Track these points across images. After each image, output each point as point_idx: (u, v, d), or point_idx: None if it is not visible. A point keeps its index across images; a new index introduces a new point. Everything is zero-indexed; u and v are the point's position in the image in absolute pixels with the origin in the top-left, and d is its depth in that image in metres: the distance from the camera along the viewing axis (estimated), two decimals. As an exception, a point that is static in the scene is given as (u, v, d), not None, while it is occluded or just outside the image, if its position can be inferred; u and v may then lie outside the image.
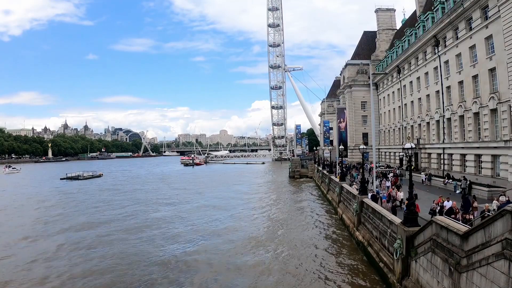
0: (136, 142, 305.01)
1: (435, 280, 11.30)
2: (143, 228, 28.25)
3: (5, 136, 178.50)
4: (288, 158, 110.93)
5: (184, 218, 31.99)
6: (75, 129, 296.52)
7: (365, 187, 23.54)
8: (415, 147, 16.81)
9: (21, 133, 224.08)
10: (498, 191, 22.97)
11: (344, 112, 60.80)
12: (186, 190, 53.49)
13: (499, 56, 25.81)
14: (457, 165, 33.70)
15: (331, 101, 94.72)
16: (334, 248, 21.73)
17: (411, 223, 13.79)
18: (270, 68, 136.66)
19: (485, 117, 28.58)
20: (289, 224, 28.96)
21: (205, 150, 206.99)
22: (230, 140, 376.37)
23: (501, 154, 26.36)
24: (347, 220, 26.40)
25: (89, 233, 26.85)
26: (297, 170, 69.89)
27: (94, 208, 37.88)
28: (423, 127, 42.57)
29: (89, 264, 19.66)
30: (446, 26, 34.28)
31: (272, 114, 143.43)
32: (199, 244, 23.44)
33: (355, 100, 67.53)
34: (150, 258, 20.40)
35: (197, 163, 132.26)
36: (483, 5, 27.85)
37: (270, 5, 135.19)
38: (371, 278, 16.40)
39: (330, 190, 40.51)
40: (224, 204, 39.47)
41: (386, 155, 59.45)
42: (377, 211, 18.55)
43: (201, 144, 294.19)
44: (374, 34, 70.26)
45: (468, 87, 31.27)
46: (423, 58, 42.22)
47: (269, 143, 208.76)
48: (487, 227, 8.71)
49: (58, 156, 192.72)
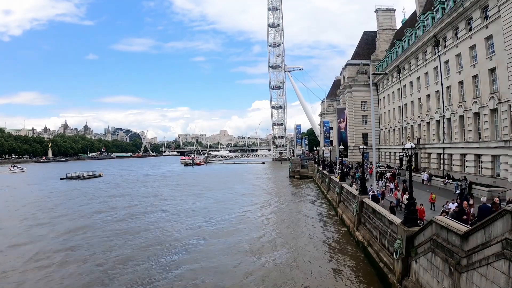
0: (136, 142, 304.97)
1: (435, 280, 11.29)
2: (143, 229, 28.28)
3: (5, 136, 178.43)
4: (288, 158, 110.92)
5: (183, 219, 31.94)
6: (75, 129, 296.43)
7: (365, 187, 23.55)
8: (415, 147, 16.82)
9: (21, 133, 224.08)
10: (498, 191, 22.97)
11: (344, 112, 60.84)
12: (186, 190, 53.47)
13: (499, 56, 25.80)
14: (457, 165, 33.69)
15: (331, 101, 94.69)
16: (334, 248, 21.73)
17: (411, 223, 13.79)
18: (270, 68, 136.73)
19: (485, 117, 28.57)
20: (289, 225, 28.96)
21: (205, 150, 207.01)
22: (230, 140, 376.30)
23: (501, 154, 26.35)
24: (347, 220, 26.40)
25: (89, 233, 26.87)
26: (297, 170, 69.89)
27: (94, 209, 37.89)
28: (423, 127, 42.56)
29: (89, 264, 19.68)
30: (446, 26, 34.27)
31: (272, 114, 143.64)
32: (198, 244, 23.43)
33: (355, 100, 67.51)
34: (147, 260, 20.41)
35: (197, 163, 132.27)
36: (483, 5, 27.84)
37: (270, 5, 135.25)
38: (371, 278, 16.40)
39: (330, 190, 40.50)
40: (224, 205, 39.46)
41: (386, 155, 59.44)
42: (377, 211, 18.55)
43: (201, 144, 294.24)
44: (374, 34, 70.27)
45: (468, 87, 31.26)
46: (423, 58, 42.21)
47: (269, 143, 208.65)
48: (487, 227, 8.71)
49: (58, 156, 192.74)
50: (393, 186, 29.44)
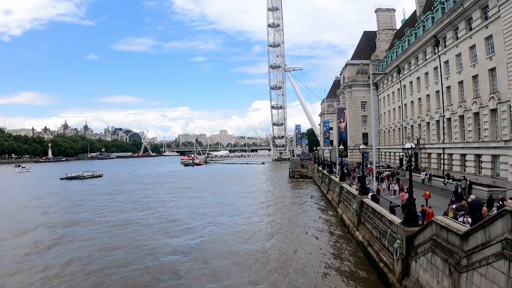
0: (136, 142, 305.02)
1: (435, 280, 11.29)
2: (143, 229, 28.29)
3: (5, 136, 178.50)
4: (288, 158, 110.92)
5: (183, 219, 31.93)
6: (75, 129, 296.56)
7: (365, 187, 23.55)
8: (415, 147, 16.82)
9: (21, 133, 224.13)
10: (498, 191, 22.98)
11: (344, 112, 60.73)
12: (186, 190, 53.48)
13: (499, 56, 25.79)
14: (457, 165, 33.68)
15: (331, 101, 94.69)
16: (334, 248, 21.73)
17: (411, 223, 13.79)
18: (270, 68, 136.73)
19: (485, 117, 28.57)
20: (288, 225, 28.95)
21: (205, 150, 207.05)
22: (230, 140, 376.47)
23: (501, 154, 26.34)
24: (347, 220, 26.39)
25: (90, 234, 26.89)
26: (297, 170, 69.88)
27: (93, 209, 37.90)
28: (423, 127, 42.56)
29: (89, 266, 19.68)
30: (446, 26, 34.27)
31: (272, 114, 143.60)
32: (198, 245, 23.44)
33: (355, 100, 67.52)
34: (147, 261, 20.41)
35: (197, 163, 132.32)
36: (483, 5, 27.83)
37: (270, 5, 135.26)
38: (371, 278, 16.40)
39: (330, 190, 40.51)
40: (224, 205, 39.46)
41: (386, 155, 59.44)
42: (377, 211, 18.54)
43: (201, 144, 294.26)
44: (374, 34, 70.27)
45: (468, 87, 31.25)
46: (423, 58, 42.21)
47: (269, 143, 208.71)
48: (487, 227, 8.71)
49: (58, 156, 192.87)
50: (397, 187, 28.22)
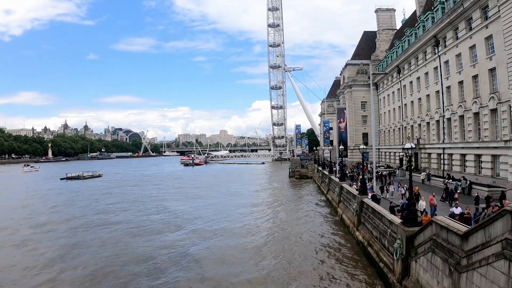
0: (136, 142, 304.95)
1: (435, 280, 11.29)
2: (142, 228, 28.29)
3: (5, 136, 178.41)
4: (288, 158, 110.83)
5: (183, 220, 31.95)
6: (75, 129, 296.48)
7: (365, 187, 23.55)
8: (415, 147, 16.78)
9: (21, 133, 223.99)
10: (498, 191, 22.97)
11: (344, 112, 60.80)
12: (185, 190, 53.48)
13: (499, 56, 25.81)
14: (457, 165, 33.68)
15: (331, 101, 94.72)
16: (334, 248, 21.72)
17: (411, 223, 13.79)
18: (270, 68, 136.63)
19: (485, 117, 28.58)
20: (288, 225, 28.93)
21: (205, 150, 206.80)
22: (230, 140, 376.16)
23: (501, 154, 26.35)
24: (347, 220, 26.39)
25: (88, 234, 26.88)
26: (297, 170, 69.88)
27: (94, 210, 37.89)
28: (423, 127, 42.57)
29: (88, 266, 19.69)
30: (446, 26, 34.28)
31: (272, 114, 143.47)
32: (198, 245, 23.44)
33: (355, 100, 67.53)
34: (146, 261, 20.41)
35: (197, 163, 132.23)
36: (483, 5, 27.84)
37: (270, 5, 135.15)
38: (371, 278, 16.40)
39: (330, 190, 40.51)
40: (223, 205, 39.47)
41: (386, 155, 59.45)
42: (377, 211, 18.55)
43: (201, 144, 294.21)
44: (374, 34, 70.27)
45: (468, 87, 31.26)
46: (423, 58, 42.22)
47: (269, 143, 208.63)
48: (487, 227, 8.71)
49: (58, 156, 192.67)
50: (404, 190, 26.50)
